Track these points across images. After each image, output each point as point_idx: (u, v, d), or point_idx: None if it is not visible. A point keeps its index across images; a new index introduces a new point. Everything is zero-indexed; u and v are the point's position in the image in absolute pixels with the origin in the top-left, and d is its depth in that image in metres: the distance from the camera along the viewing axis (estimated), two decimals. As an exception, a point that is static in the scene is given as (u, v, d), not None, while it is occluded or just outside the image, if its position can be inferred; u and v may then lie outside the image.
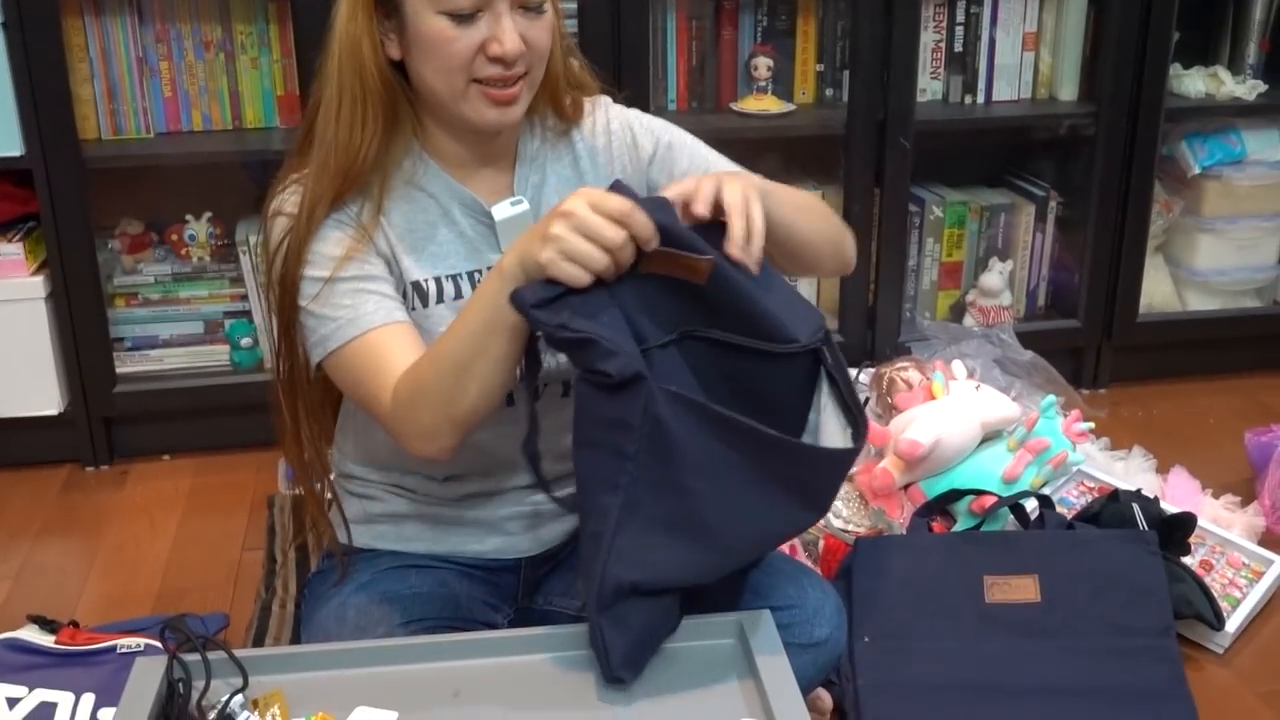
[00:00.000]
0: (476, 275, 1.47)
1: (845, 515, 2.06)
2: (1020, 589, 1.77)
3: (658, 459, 1.20)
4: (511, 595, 1.60)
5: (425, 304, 1.45)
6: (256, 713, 1.21)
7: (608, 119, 1.54)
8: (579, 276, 1.21)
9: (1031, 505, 1.96)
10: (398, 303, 1.42)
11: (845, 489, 2.07)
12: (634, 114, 1.57)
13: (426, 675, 1.28)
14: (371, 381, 1.38)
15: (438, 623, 1.47)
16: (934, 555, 1.84)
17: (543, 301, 1.22)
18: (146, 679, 1.23)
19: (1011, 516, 1.97)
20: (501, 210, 1.46)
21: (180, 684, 1.23)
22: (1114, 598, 1.77)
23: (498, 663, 1.30)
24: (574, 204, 1.21)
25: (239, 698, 1.21)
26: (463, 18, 1.34)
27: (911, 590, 1.80)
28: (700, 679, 1.27)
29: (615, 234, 1.20)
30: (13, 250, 2.35)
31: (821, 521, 1.93)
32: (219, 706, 1.20)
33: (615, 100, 1.57)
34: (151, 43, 2.40)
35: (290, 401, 1.52)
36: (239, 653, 1.26)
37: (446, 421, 1.33)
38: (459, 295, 1.46)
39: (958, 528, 2.01)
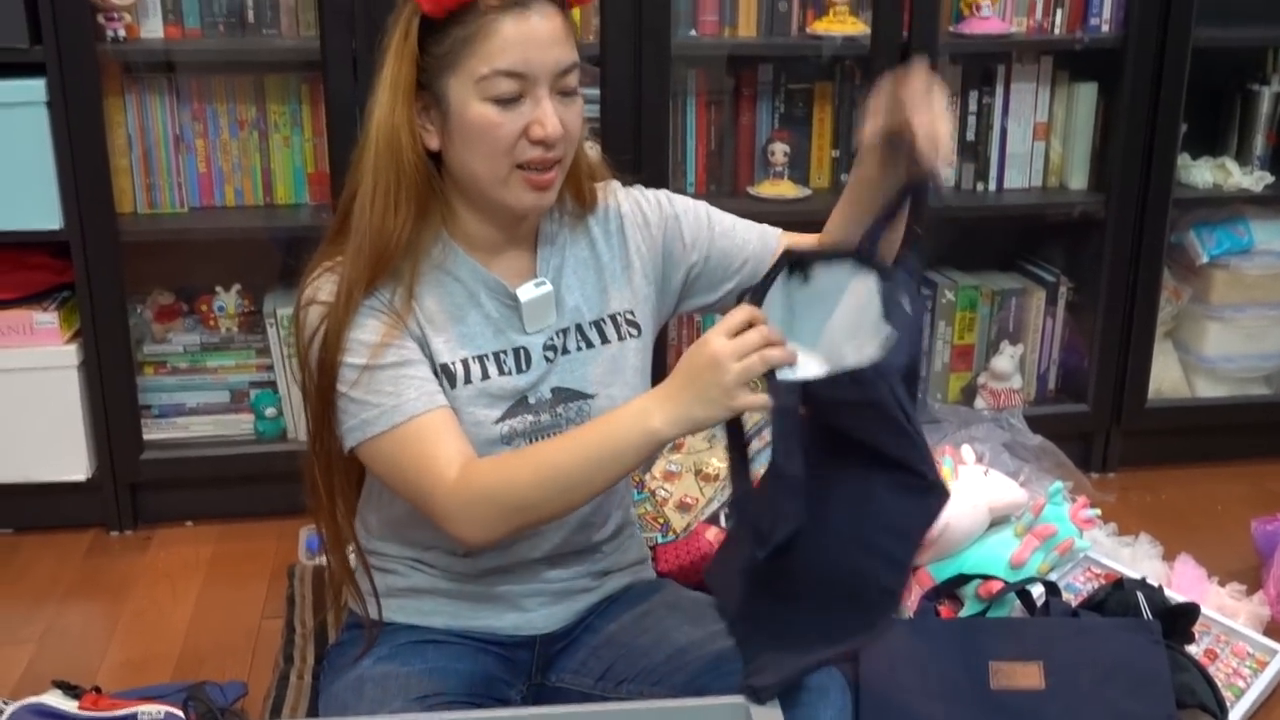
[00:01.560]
0: (502, 356, 1.52)
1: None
2: (1024, 675, 1.80)
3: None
4: (526, 671, 1.64)
5: (453, 385, 1.49)
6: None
7: (618, 202, 1.61)
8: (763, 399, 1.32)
9: (1038, 591, 1.99)
10: (437, 386, 1.47)
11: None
12: (637, 192, 1.64)
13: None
14: (417, 466, 1.42)
15: (454, 699, 1.51)
16: (940, 640, 1.86)
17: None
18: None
19: (1018, 602, 2.00)
20: (526, 292, 1.52)
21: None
22: (1117, 686, 1.79)
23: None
24: (716, 345, 1.31)
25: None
26: (507, 103, 1.40)
27: (917, 674, 1.82)
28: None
29: (759, 337, 1.32)
30: (48, 319, 2.41)
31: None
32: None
33: (624, 183, 1.65)
34: (188, 120, 2.49)
35: (327, 480, 1.55)
36: (260, 727, 1.30)
37: (515, 524, 1.42)
38: (485, 376, 1.50)
39: (964, 612, 2.03)
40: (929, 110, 1.37)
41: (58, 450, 2.47)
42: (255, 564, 2.41)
